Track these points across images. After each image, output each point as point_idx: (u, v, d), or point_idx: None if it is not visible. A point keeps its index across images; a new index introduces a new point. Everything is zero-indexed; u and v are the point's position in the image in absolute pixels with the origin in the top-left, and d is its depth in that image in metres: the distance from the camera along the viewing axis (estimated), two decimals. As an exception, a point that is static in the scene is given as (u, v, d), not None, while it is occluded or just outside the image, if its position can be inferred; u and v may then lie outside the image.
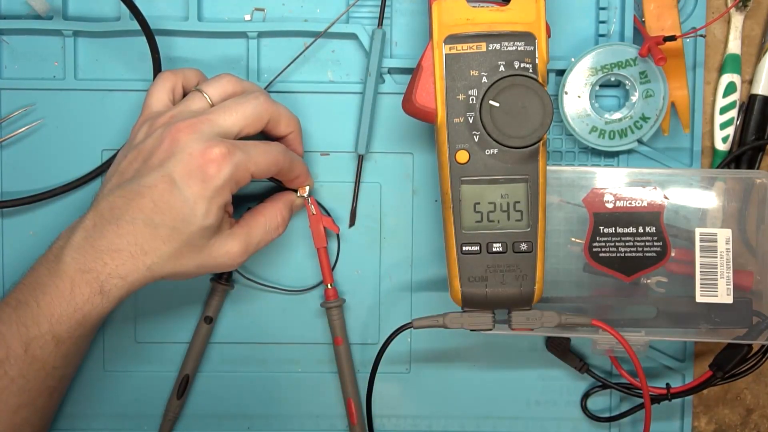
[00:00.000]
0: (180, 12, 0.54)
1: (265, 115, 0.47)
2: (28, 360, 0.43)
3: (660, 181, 0.51)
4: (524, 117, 0.44)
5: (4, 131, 0.54)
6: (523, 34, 0.44)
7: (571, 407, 0.57)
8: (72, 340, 0.44)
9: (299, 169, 0.50)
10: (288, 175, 0.50)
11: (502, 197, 0.45)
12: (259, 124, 0.47)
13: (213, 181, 0.43)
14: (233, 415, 0.56)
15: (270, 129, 0.49)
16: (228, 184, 0.44)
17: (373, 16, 0.54)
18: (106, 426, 0.56)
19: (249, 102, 0.46)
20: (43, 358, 0.44)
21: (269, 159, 0.46)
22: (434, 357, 0.56)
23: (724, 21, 0.56)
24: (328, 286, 0.54)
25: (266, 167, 0.46)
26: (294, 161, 0.49)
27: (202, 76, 0.50)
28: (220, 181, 0.44)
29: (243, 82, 0.48)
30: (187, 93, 0.48)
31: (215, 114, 0.45)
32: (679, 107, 0.54)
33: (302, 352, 0.56)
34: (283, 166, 0.48)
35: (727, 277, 0.50)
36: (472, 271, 0.45)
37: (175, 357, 0.55)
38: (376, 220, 0.55)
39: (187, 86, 0.49)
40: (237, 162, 0.44)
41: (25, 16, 0.54)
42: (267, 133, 0.49)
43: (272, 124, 0.48)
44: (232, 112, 0.46)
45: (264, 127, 0.48)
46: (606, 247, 0.51)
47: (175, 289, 0.55)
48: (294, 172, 0.49)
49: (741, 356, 0.52)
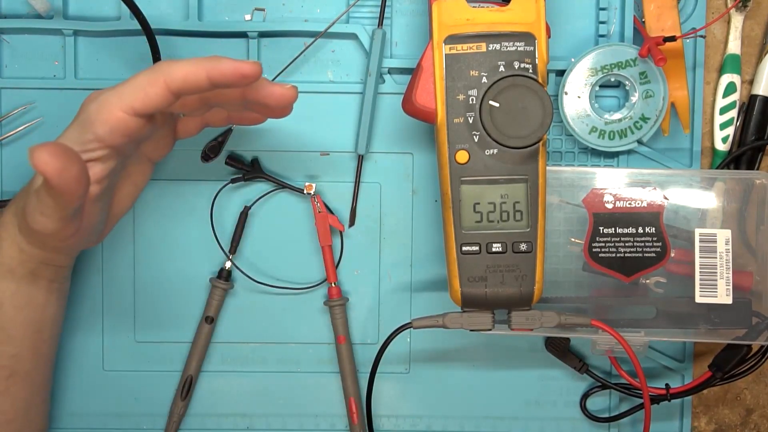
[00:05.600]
0: (180, 12, 0.54)
1: (149, 77, 0.41)
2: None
3: (660, 182, 0.51)
4: (524, 117, 0.44)
5: (4, 130, 0.54)
6: (523, 34, 0.44)
7: (570, 407, 0.57)
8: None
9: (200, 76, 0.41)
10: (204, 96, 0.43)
11: (502, 197, 0.45)
12: (154, 87, 0.40)
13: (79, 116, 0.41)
14: (233, 414, 0.56)
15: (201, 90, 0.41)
16: (89, 118, 0.41)
17: (373, 16, 0.54)
18: (106, 426, 0.56)
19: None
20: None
21: (134, 85, 0.41)
22: (434, 357, 0.56)
23: (724, 21, 0.56)
24: (332, 285, 0.54)
25: (133, 95, 0.40)
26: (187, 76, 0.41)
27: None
28: (82, 114, 0.41)
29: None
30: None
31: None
32: (679, 107, 0.54)
33: (302, 352, 0.56)
34: (158, 90, 0.40)
35: (726, 278, 0.50)
36: (471, 271, 0.45)
37: (175, 357, 0.56)
38: (376, 220, 0.55)
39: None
40: (100, 98, 0.41)
41: (26, 16, 0.54)
42: (221, 99, 0.44)
43: (179, 84, 0.41)
44: (127, 81, 0.41)
45: (172, 90, 0.41)
46: (606, 247, 0.51)
47: (175, 289, 0.55)
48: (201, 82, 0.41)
49: (740, 357, 0.52)
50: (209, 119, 0.48)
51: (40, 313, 0.48)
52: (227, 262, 0.55)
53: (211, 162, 0.54)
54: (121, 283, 0.55)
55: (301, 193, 0.54)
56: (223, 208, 0.55)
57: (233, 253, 0.55)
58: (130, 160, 0.47)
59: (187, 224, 0.55)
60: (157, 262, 0.55)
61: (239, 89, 0.43)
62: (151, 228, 0.55)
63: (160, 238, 0.55)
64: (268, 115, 0.46)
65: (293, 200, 0.55)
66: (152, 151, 0.48)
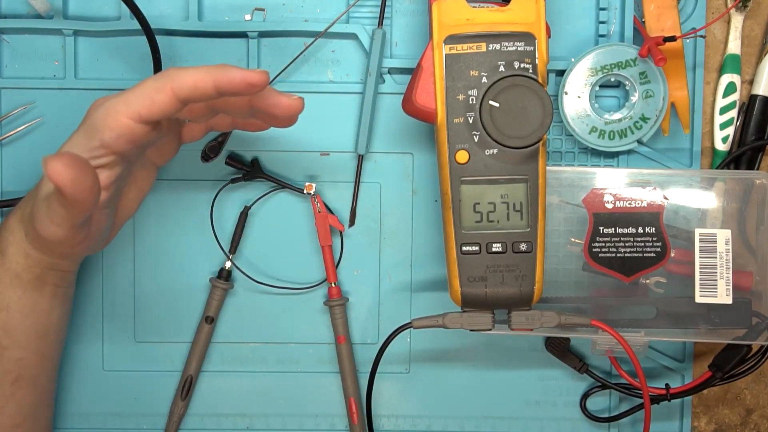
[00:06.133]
0: (180, 12, 0.54)
1: (156, 84, 0.40)
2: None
3: (660, 182, 0.51)
4: (524, 117, 0.44)
5: (4, 130, 0.54)
6: (523, 34, 0.44)
7: (570, 407, 0.57)
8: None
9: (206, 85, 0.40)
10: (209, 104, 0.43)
11: (502, 197, 0.45)
12: (161, 95, 0.40)
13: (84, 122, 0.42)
14: (233, 414, 0.56)
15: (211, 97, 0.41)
16: (95, 125, 0.41)
17: (373, 16, 0.54)
18: (106, 426, 0.56)
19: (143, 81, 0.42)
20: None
21: (141, 91, 0.40)
22: (434, 357, 0.56)
23: (724, 21, 0.56)
24: (332, 285, 0.54)
25: (139, 102, 0.40)
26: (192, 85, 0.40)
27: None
28: (89, 120, 0.41)
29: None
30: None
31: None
32: (679, 108, 0.54)
33: (302, 352, 0.56)
34: (165, 98, 0.40)
35: (726, 278, 0.50)
36: (471, 271, 0.45)
37: (174, 357, 0.56)
38: (376, 220, 0.55)
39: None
40: (106, 104, 0.41)
41: (26, 15, 0.54)
42: (227, 107, 0.44)
43: (187, 92, 0.40)
44: (133, 88, 0.41)
45: (175, 98, 0.40)
46: (606, 247, 0.51)
47: (175, 289, 0.55)
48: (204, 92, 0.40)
49: (740, 357, 0.52)
50: (214, 124, 0.48)
51: (46, 317, 0.48)
52: (227, 262, 0.55)
53: (211, 162, 0.54)
54: (122, 284, 0.55)
55: (301, 193, 0.54)
56: (223, 208, 0.55)
57: (233, 253, 0.55)
58: (136, 165, 0.46)
59: (187, 224, 0.55)
60: (158, 262, 0.55)
61: (246, 98, 0.43)
62: (151, 228, 0.55)
63: (161, 238, 0.55)
64: (274, 124, 0.46)
65: (293, 200, 0.55)
66: (157, 155, 0.48)
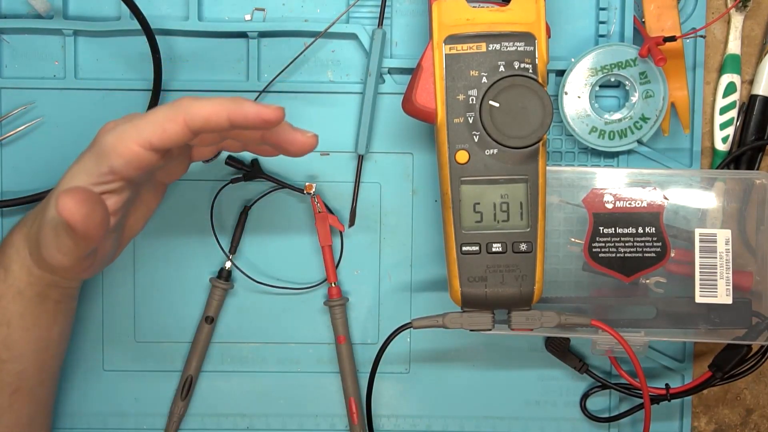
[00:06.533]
0: (180, 12, 0.54)
1: (169, 113, 0.40)
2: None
3: (660, 182, 0.51)
4: (524, 117, 0.44)
5: (4, 130, 0.54)
6: (523, 34, 0.44)
7: (570, 407, 0.57)
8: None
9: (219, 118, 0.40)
10: (215, 134, 0.43)
11: (502, 197, 0.45)
12: (173, 124, 0.40)
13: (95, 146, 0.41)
14: (233, 414, 0.56)
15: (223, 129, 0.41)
16: (105, 150, 0.40)
17: (373, 16, 0.54)
18: (106, 426, 0.56)
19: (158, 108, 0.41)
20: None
21: (153, 120, 0.40)
22: (434, 357, 0.56)
23: (724, 21, 0.56)
24: (332, 285, 0.54)
25: (151, 130, 0.40)
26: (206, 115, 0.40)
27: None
28: (98, 145, 0.41)
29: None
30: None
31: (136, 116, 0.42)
32: (679, 108, 0.54)
33: (302, 352, 0.56)
34: (176, 128, 0.40)
35: (726, 278, 0.50)
36: (471, 271, 0.45)
37: (174, 356, 0.56)
38: (376, 220, 0.55)
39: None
40: (117, 129, 0.40)
41: (26, 16, 0.54)
42: (243, 139, 0.45)
43: (200, 123, 0.40)
44: (146, 115, 0.41)
45: (190, 128, 0.40)
46: (606, 247, 0.51)
47: (175, 289, 0.55)
48: (215, 124, 0.40)
49: (740, 357, 0.52)
50: (224, 146, 0.48)
51: (47, 331, 0.48)
52: (227, 262, 0.55)
53: (211, 162, 0.54)
54: (121, 284, 0.55)
55: (301, 193, 0.54)
56: (223, 208, 0.55)
57: (233, 253, 0.55)
58: (144, 186, 0.46)
59: (187, 224, 0.55)
60: (158, 262, 0.55)
61: (259, 131, 0.43)
62: (151, 228, 0.55)
63: (161, 238, 0.55)
64: (285, 154, 0.45)
65: (293, 200, 0.55)
66: (166, 176, 0.47)
